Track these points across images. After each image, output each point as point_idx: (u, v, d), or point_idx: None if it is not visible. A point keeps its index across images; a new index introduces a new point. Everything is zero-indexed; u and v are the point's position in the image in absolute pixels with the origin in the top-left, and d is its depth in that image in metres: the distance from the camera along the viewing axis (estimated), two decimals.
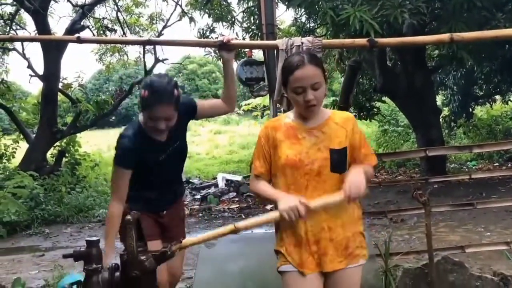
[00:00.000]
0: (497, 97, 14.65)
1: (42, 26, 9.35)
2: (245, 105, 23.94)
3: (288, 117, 2.12)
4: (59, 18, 21.98)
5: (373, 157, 2.15)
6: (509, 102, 14.70)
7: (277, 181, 2.09)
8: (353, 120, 2.12)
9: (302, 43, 2.61)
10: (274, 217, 1.97)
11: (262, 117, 21.90)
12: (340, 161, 2.03)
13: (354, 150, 2.08)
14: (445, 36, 2.17)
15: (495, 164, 10.84)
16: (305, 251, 2.03)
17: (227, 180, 10.61)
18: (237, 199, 9.33)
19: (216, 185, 10.62)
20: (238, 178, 10.68)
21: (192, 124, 23.08)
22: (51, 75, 9.74)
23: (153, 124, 2.37)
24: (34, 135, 10.08)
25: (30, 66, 10.39)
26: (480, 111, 15.87)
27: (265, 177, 2.11)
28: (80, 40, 2.72)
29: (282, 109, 2.75)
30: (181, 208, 2.89)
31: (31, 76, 10.32)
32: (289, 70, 1.99)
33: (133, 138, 2.45)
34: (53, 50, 9.59)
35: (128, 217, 1.85)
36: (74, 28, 9.97)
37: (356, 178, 1.92)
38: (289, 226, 2.04)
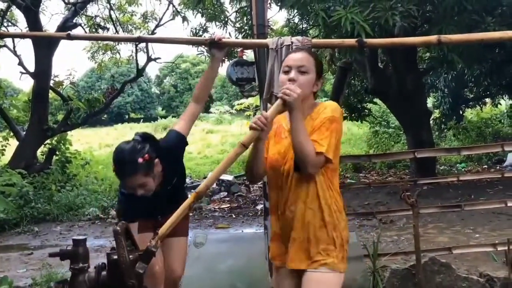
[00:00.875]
0: (487, 100, 14.81)
1: (34, 23, 9.30)
2: (238, 104, 23.96)
3: (286, 116, 2.06)
4: (51, 16, 21.88)
5: (327, 146, 1.93)
6: (499, 105, 14.86)
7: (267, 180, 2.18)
8: (323, 107, 2.04)
9: (292, 42, 2.62)
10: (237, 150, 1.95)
11: (254, 116, 21.93)
12: None
13: (312, 132, 1.98)
14: (433, 38, 2.19)
15: (484, 167, 10.94)
16: (280, 245, 2.10)
17: (218, 180, 10.61)
18: (228, 198, 9.33)
19: None
20: (229, 177, 10.67)
21: None
22: (42, 72, 9.68)
23: (132, 192, 2.40)
24: (24, 133, 10.02)
25: (21, 63, 10.31)
26: (470, 113, 16.03)
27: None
28: (70, 37, 2.70)
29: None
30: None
31: (22, 73, 10.24)
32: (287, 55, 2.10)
33: (124, 202, 2.64)
34: (45, 48, 9.53)
35: (117, 227, 1.84)
36: (66, 25, 9.91)
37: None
38: (274, 223, 2.13)
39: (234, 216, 7.88)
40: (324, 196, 2.01)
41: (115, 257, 1.76)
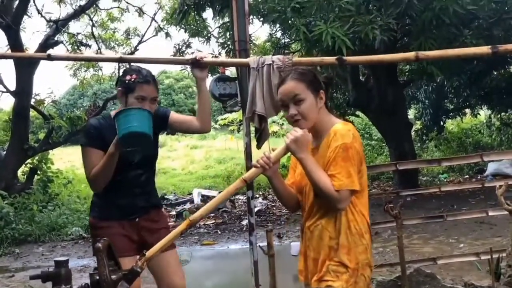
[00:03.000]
0: (467, 110, 15.08)
1: (14, 41, 9.22)
2: (222, 119, 23.95)
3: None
4: (33, 33, 21.74)
5: (343, 179, 1.88)
6: (478, 115, 15.14)
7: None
8: (332, 134, 1.94)
9: (273, 61, 2.65)
10: (238, 183, 1.96)
11: (238, 131, 21.93)
12: None
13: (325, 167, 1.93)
14: (410, 55, 2.24)
15: (465, 177, 11.09)
16: (303, 261, 2.11)
17: (202, 196, 10.55)
18: (213, 214, 9.27)
19: (191, 201, 10.54)
20: (214, 193, 10.63)
21: (168, 139, 22.89)
22: (23, 91, 9.57)
23: (140, 106, 2.44)
24: (4, 152, 9.85)
25: (1, 82, 10.19)
26: (451, 124, 16.28)
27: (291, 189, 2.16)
28: (51, 58, 2.69)
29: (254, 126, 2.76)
30: (162, 221, 2.78)
31: (2, 92, 10.13)
32: (279, 86, 2.04)
33: (98, 121, 2.58)
34: (25, 66, 9.45)
35: (98, 245, 1.82)
36: (47, 43, 9.86)
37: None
38: (301, 240, 2.15)
39: (219, 232, 7.83)
40: (342, 219, 1.96)
41: (98, 277, 1.74)
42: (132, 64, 2.73)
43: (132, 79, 2.47)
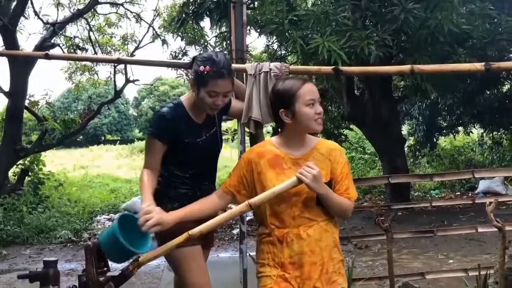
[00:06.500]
0: (460, 128, 15.20)
1: (10, 42, 9.19)
2: None
3: (274, 144, 2.11)
4: (29, 35, 21.67)
5: (353, 191, 2.13)
6: (471, 134, 15.25)
7: (261, 210, 2.07)
8: (338, 151, 2.14)
9: (270, 69, 2.68)
10: (241, 208, 2.02)
11: (232, 140, 21.93)
12: None
13: (335, 181, 2.09)
14: (406, 68, 2.28)
15: (456, 193, 11.14)
16: (288, 276, 2.02)
17: None
18: None
19: None
20: None
21: None
22: (17, 92, 9.53)
23: (212, 101, 2.31)
24: None
25: None
26: (444, 141, 16.39)
27: (230, 196, 2.13)
28: (48, 57, 2.70)
29: (250, 132, 2.77)
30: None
31: None
32: (297, 87, 2.03)
33: (172, 111, 2.39)
34: (21, 67, 9.42)
35: (88, 243, 1.83)
36: (44, 45, 9.84)
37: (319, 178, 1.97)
38: (272, 249, 2.06)
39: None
40: (331, 216, 2.10)
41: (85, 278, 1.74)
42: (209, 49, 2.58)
43: (206, 71, 2.27)
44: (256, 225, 2.23)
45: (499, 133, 14.23)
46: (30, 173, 9.84)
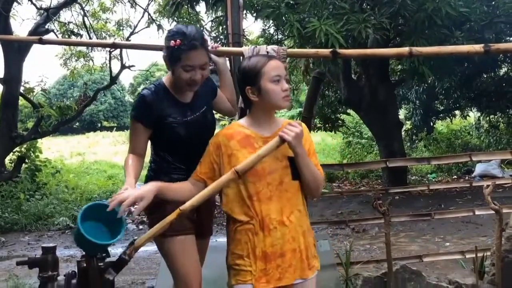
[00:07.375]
0: (457, 112, 15.22)
1: (4, 28, 9.08)
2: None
3: (242, 125, 2.09)
4: (23, 21, 21.46)
5: (321, 168, 2.11)
6: (467, 117, 15.28)
7: (231, 191, 2.03)
8: (305, 129, 2.08)
9: (267, 52, 2.65)
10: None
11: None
12: (296, 168, 2.02)
13: None
14: (404, 50, 2.25)
15: (453, 177, 11.20)
16: (269, 267, 1.97)
17: None
18: None
19: None
20: None
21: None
22: (11, 78, 9.45)
23: (189, 76, 2.20)
24: None
25: None
26: (440, 125, 16.41)
27: (202, 183, 2.07)
28: (42, 42, 2.67)
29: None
30: (212, 202, 2.56)
31: None
32: (262, 64, 2.00)
33: (152, 93, 2.28)
34: (15, 52, 9.33)
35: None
36: (38, 31, 9.72)
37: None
38: (252, 239, 1.98)
39: None
40: (304, 199, 2.09)
41: (85, 264, 1.73)
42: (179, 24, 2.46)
43: (176, 45, 2.15)
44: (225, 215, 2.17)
45: (495, 117, 14.26)
46: (27, 160, 9.81)
